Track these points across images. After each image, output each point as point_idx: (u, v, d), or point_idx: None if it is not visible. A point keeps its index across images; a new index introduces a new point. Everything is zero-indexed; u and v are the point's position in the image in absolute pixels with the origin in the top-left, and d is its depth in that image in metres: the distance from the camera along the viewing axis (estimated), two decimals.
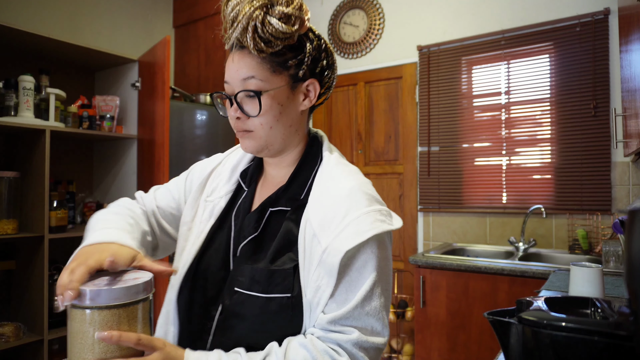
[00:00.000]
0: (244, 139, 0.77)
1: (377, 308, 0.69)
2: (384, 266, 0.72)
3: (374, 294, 0.69)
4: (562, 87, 2.43)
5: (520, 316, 0.57)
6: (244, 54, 0.73)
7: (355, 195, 0.75)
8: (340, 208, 0.72)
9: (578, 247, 2.32)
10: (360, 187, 0.78)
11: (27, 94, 2.00)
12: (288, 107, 0.77)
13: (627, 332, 0.49)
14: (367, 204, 0.75)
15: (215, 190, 0.87)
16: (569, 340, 0.52)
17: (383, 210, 0.75)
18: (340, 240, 0.68)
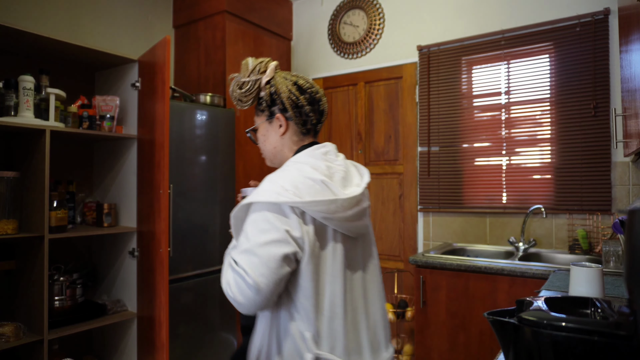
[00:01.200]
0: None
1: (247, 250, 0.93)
2: (253, 222, 0.96)
3: (247, 240, 0.94)
4: (562, 87, 2.43)
5: (520, 316, 0.57)
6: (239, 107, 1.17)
7: (272, 176, 1.01)
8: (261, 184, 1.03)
9: (578, 247, 2.32)
10: (278, 175, 1.01)
11: (27, 94, 2.00)
12: (268, 136, 1.16)
13: (627, 332, 0.49)
14: (268, 186, 0.98)
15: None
16: (569, 340, 0.52)
17: (271, 190, 0.96)
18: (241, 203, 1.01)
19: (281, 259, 0.91)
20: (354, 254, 1.06)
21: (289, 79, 1.13)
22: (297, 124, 1.12)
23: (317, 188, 0.96)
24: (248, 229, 0.96)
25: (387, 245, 3.03)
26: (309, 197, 0.94)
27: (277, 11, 3.32)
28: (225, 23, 2.84)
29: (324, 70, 3.33)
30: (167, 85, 2.15)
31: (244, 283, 0.90)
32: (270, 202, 0.94)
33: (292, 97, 1.10)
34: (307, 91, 1.12)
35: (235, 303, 0.93)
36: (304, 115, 1.12)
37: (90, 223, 2.42)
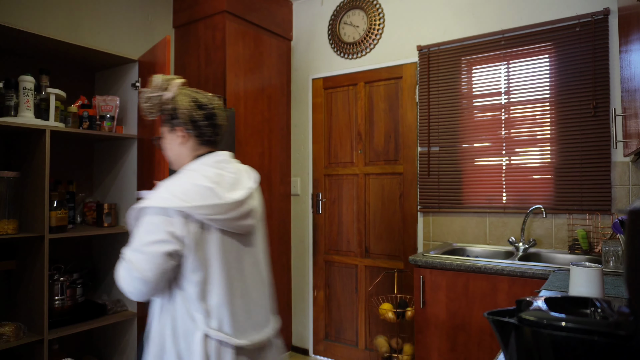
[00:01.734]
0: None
1: (139, 243, 1.12)
2: (143, 224, 1.14)
3: (137, 240, 1.13)
4: (562, 87, 2.43)
5: (520, 316, 0.57)
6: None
7: (164, 184, 1.19)
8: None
9: (578, 247, 2.32)
10: (170, 183, 1.18)
11: (27, 94, 2.00)
12: (171, 144, 1.33)
13: (627, 332, 0.49)
14: (159, 192, 1.16)
15: None
16: (569, 340, 0.52)
17: (160, 197, 1.14)
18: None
19: (164, 255, 1.10)
20: (240, 247, 1.24)
21: (191, 96, 1.31)
22: (195, 136, 1.30)
23: (203, 193, 1.15)
24: (139, 230, 1.14)
25: (387, 245, 3.03)
26: (195, 202, 1.13)
27: (277, 11, 3.32)
28: (225, 23, 2.84)
29: (324, 70, 3.33)
30: None
31: (132, 276, 1.11)
32: (158, 207, 1.13)
33: (190, 113, 1.29)
34: (204, 107, 1.31)
35: (126, 292, 1.14)
36: (201, 128, 1.30)
37: (90, 223, 2.42)
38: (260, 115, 3.13)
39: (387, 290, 2.99)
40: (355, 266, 3.16)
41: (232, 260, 1.21)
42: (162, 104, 1.30)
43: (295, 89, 3.48)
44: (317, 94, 3.36)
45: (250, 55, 3.04)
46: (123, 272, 1.13)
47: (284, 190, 3.38)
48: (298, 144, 3.46)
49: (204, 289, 1.15)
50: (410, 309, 2.65)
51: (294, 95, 3.49)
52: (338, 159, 3.26)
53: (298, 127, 3.46)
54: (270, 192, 3.21)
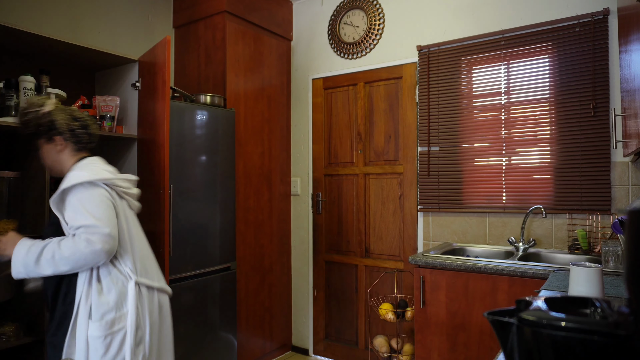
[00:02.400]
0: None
1: (86, 217, 1.42)
2: (84, 200, 1.45)
3: (80, 211, 1.43)
4: (562, 87, 2.43)
5: (520, 316, 0.57)
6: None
7: (73, 170, 1.52)
8: (67, 176, 1.50)
9: (577, 247, 2.32)
10: (79, 172, 1.49)
11: (27, 94, 2.00)
12: (48, 153, 1.57)
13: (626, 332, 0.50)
14: (77, 174, 1.49)
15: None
16: (569, 340, 0.52)
17: (82, 174, 1.47)
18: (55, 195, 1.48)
19: (115, 217, 1.46)
20: (136, 220, 1.65)
21: (65, 111, 1.58)
22: (73, 143, 1.57)
23: (113, 173, 1.54)
24: (84, 206, 1.41)
25: (387, 245, 3.03)
26: (114, 176, 1.52)
27: (277, 11, 3.32)
28: (225, 23, 2.84)
29: (324, 70, 3.33)
30: (167, 85, 2.15)
31: (103, 234, 1.39)
32: (87, 181, 1.43)
33: (68, 123, 1.55)
34: (79, 119, 1.59)
35: (101, 253, 1.39)
36: (78, 136, 1.58)
37: None
38: (260, 115, 3.13)
39: (387, 290, 2.99)
40: (355, 266, 3.16)
41: (136, 228, 1.60)
42: (39, 119, 1.53)
43: (295, 89, 3.48)
44: (317, 94, 3.36)
45: (250, 55, 3.04)
46: (92, 237, 1.38)
47: (284, 190, 3.38)
48: (298, 144, 3.46)
49: (130, 249, 1.53)
50: (410, 309, 2.65)
51: (294, 95, 3.49)
52: (338, 159, 3.26)
53: (298, 127, 3.46)
54: (270, 192, 3.21)
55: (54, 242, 1.42)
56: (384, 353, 2.75)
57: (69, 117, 1.56)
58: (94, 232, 1.38)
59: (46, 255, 1.40)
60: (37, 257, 1.40)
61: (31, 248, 1.42)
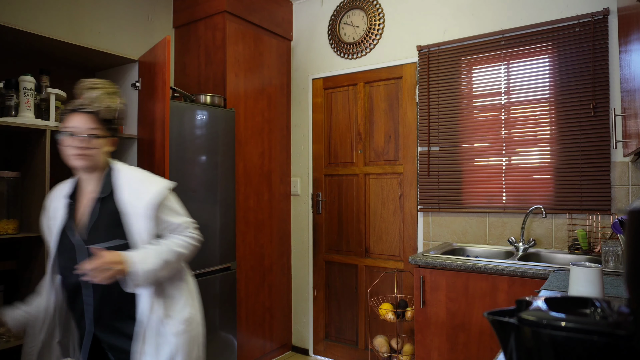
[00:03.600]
0: (83, 159, 1.36)
1: (181, 216, 1.51)
2: (169, 202, 1.48)
3: (176, 211, 1.51)
4: (562, 87, 2.43)
5: (520, 316, 0.57)
6: (89, 115, 1.37)
7: (146, 177, 1.47)
8: (145, 184, 1.44)
9: (577, 247, 2.32)
10: (148, 174, 1.48)
11: (27, 94, 2.00)
12: (104, 146, 1.41)
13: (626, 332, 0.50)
14: (152, 180, 1.46)
15: (55, 216, 1.45)
16: (569, 340, 0.52)
17: (164, 180, 1.48)
18: (148, 196, 1.39)
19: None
20: None
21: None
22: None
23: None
24: (178, 206, 1.50)
25: (387, 245, 3.03)
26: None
27: (277, 11, 3.32)
28: (225, 23, 2.84)
29: (324, 70, 3.33)
30: (167, 85, 2.15)
31: (198, 236, 1.52)
32: (171, 186, 1.48)
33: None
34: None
35: (199, 245, 1.51)
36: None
37: None
38: (260, 115, 3.13)
39: (387, 290, 2.99)
40: (355, 266, 3.16)
41: None
42: (120, 104, 1.46)
43: (295, 89, 3.48)
44: (317, 94, 3.36)
45: (250, 55, 3.04)
46: (196, 235, 1.50)
47: (284, 190, 3.38)
48: (298, 144, 3.46)
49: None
50: (410, 309, 2.65)
51: (294, 95, 3.49)
52: (338, 159, 3.26)
53: (298, 127, 3.46)
54: (270, 192, 3.21)
55: (169, 245, 1.38)
56: (384, 353, 2.75)
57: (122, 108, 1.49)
58: (194, 227, 1.50)
59: (170, 258, 1.35)
60: (162, 264, 1.33)
61: (148, 259, 1.30)
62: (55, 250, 1.41)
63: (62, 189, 1.48)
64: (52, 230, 1.44)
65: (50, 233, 1.44)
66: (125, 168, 1.46)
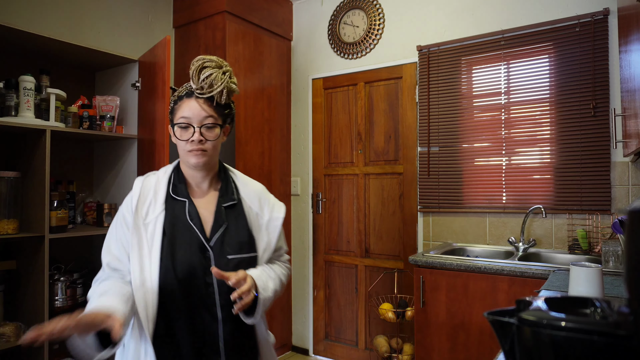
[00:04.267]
0: (200, 157, 1.16)
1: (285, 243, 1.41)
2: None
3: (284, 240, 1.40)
4: (562, 87, 2.43)
5: (520, 316, 0.57)
6: (205, 101, 1.16)
7: (265, 189, 1.38)
8: (267, 196, 1.35)
9: (577, 247, 2.32)
10: (263, 189, 1.39)
11: (27, 94, 2.00)
12: (220, 140, 1.24)
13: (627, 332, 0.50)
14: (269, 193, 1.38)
15: (148, 214, 1.14)
16: (569, 340, 0.52)
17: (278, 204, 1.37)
18: (276, 213, 1.30)
19: None
20: None
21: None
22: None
23: None
24: (283, 237, 1.37)
25: (387, 245, 3.03)
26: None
27: (277, 11, 3.32)
28: (225, 23, 2.84)
29: (324, 70, 3.33)
30: (167, 85, 2.15)
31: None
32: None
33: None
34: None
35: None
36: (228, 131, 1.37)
37: (90, 223, 2.42)
38: (260, 115, 3.13)
39: (387, 290, 2.99)
40: (355, 266, 3.16)
41: None
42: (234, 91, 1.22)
43: (295, 89, 3.48)
44: (317, 94, 3.36)
45: (250, 55, 3.04)
46: (289, 271, 1.41)
47: (284, 190, 3.38)
48: (298, 144, 3.46)
49: None
50: (410, 309, 2.65)
51: (294, 95, 3.49)
52: (338, 159, 3.26)
53: (298, 127, 3.46)
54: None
55: (278, 274, 1.26)
56: (384, 353, 2.75)
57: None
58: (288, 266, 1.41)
59: (278, 289, 1.22)
60: (275, 295, 1.19)
61: (268, 286, 1.15)
62: (158, 250, 1.10)
63: (153, 182, 1.21)
64: (145, 226, 1.12)
65: (138, 227, 1.12)
66: (236, 170, 1.37)
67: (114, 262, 1.12)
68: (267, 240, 1.24)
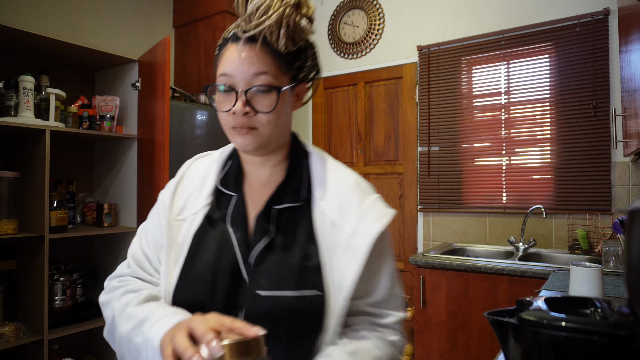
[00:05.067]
0: (246, 136, 0.73)
1: (399, 288, 0.80)
2: (390, 247, 0.82)
3: (394, 275, 0.78)
4: (562, 87, 2.43)
5: (520, 316, 0.57)
6: (254, 49, 0.71)
7: (361, 184, 0.84)
8: (354, 196, 0.80)
9: (578, 247, 2.32)
10: (359, 177, 0.86)
11: (27, 94, 2.00)
12: (287, 107, 0.77)
13: (627, 332, 0.49)
14: (373, 190, 0.85)
15: (185, 208, 0.82)
16: (569, 340, 0.52)
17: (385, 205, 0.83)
18: (366, 224, 0.75)
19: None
20: None
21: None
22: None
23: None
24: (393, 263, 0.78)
25: None
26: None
27: None
28: (225, 23, 2.84)
29: (324, 70, 3.32)
30: (167, 85, 2.15)
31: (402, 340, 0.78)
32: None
33: (319, 60, 0.83)
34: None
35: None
36: (315, 91, 0.88)
37: (90, 223, 2.42)
38: None
39: None
40: None
41: None
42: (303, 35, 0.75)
43: None
44: (317, 94, 3.36)
45: None
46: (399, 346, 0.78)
47: None
48: None
49: None
50: (410, 309, 2.64)
51: None
52: (338, 158, 3.24)
53: (298, 127, 3.46)
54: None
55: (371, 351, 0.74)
56: None
57: (315, 48, 0.82)
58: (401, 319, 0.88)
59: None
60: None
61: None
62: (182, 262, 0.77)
63: (204, 166, 0.87)
64: (178, 225, 0.80)
65: (170, 225, 0.80)
66: (322, 153, 0.86)
67: (139, 256, 0.84)
68: (346, 270, 0.72)
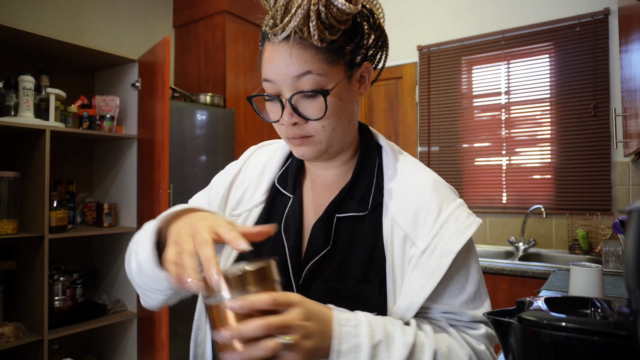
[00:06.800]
0: (302, 146, 0.65)
1: (486, 302, 0.66)
2: (478, 261, 0.68)
3: (481, 293, 0.66)
4: (562, 87, 2.43)
5: (520, 316, 0.57)
6: (291, 46, 0.63)
7: (440, 188, 0.68)
8: (431, 203, 0.65)
9: (578, 247, 2.32)
10: (439, 178, 0.71)
11: (27, 94, 2.00)
12: (347, 101, 0.65)
13: (627, 332, 0.49)
14: (454, 196, 0.69)
15: (241, 203, 0.73)
16: (569, 340, 0.52)
17: (463, 202, 0.69)
18: (444, 241, 0.62)
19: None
20: None
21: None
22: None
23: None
24: (475, 272, 0.66)
25: None
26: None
27: None
28: (225, 23, 2.84)
29: None
30: (167, 85, 2.15)
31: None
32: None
33: (385, 33, 0.75)
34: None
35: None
36: (383, 68, 0.80)
37: (90, 223, 2.42)
38: None
39: None
40: None
41: None
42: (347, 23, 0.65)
43: None
44: None
45: (250, 55, 3.04)
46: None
47: None
48: None
49: None
50: None
51: None
52: None
53: None
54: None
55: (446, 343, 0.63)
56: None
57: (375, 18, 0.76)
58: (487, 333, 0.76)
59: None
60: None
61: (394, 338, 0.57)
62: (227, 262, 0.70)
63: (265, 157, 0.79)
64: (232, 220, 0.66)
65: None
66: (400, 153, 0.74)
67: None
68: (414, 293, 0.62)
